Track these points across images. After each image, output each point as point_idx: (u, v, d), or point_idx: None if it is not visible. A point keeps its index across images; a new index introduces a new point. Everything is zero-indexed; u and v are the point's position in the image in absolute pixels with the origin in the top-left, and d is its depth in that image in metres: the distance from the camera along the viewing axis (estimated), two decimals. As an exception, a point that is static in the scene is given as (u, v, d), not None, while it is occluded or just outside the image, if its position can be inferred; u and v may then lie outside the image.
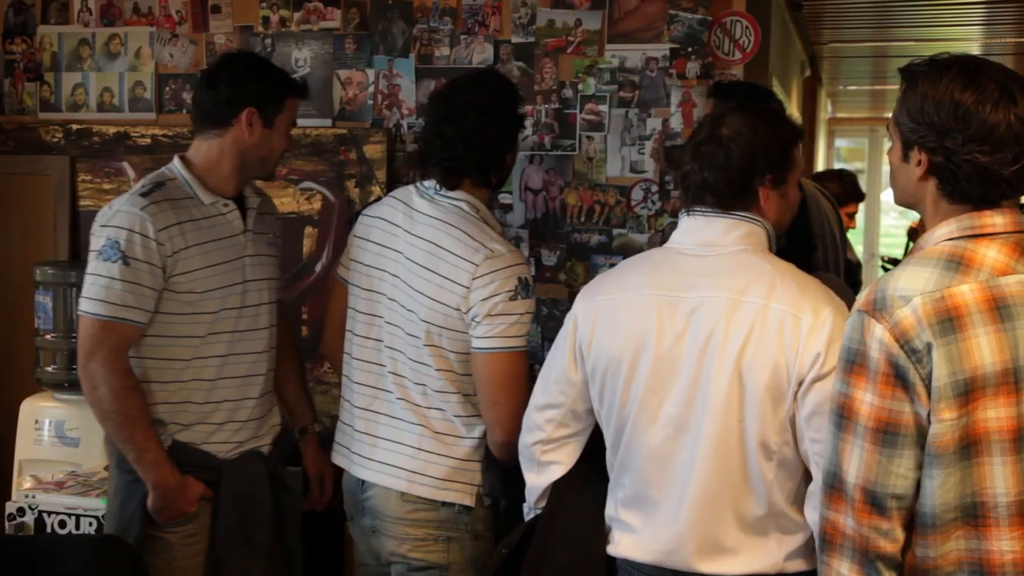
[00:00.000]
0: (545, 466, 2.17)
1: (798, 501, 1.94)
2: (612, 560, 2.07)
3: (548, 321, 3.34)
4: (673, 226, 3.20)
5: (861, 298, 1.72)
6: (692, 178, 2.02)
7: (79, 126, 3.69)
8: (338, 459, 2.55)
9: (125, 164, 3.66)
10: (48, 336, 3.45)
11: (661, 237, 3.26)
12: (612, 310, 2.03)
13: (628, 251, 3.29)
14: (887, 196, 10.17)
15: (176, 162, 2.51)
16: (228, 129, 2.47)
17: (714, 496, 1.93)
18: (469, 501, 2.38)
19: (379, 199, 2.66)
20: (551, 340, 3.29)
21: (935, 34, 6.84)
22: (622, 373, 1.99)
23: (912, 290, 1.66)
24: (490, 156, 2.39)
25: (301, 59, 3.48)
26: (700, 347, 1.91)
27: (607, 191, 3.31)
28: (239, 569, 2.52)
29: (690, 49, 3.23)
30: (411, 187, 2.48)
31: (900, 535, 1.68)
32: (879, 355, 1.65)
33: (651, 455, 1.97)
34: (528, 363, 2.37)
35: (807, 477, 1.94)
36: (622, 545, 2.03)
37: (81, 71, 3.70)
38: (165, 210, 2.40)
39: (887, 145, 1.83)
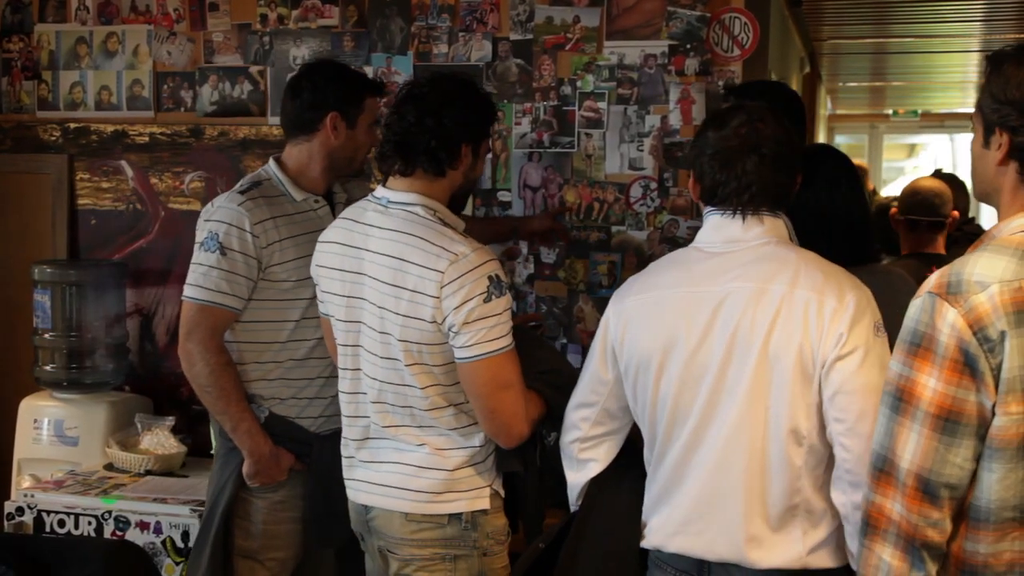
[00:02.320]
0: (583, 464, 2.19)
1: (824, 489, 1.95)
2: (645, 553, 2.10)
3: (547, 319, 3.34)
4: (674, 224, 3.24)
5: (931, 281, 1.68)
6: (730, 185, 2.01)
7: (77, 124, 3.69)
8: (348, 492, 2.49)
9: (123, 162, 3.66)
10: (47, 335, 3.46)
11: (660, 235, 3.26)
12: (641, 310, 2.06)
13: (627, 248, 3.29)
14: (889, 191, 10.17)
15: (271, 164, 2.71)
16: (315, 134, 2.65)
17: (738, 484, 1.94)
18: (483, 505, 2.32)
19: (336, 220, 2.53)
20: (550, 338, 3.33)
21: (935, 30, 6.84)
22: (652, 371, 2.02)
23: (990, 277, 1.62)
24: (442, 138, 2.27)
25: (299, 57, 3.47)
26: (728, 337, 1.94)
27: (606, 188, 3.30)
28: (329, 536, 2.66)
29: (689, 46, 3.22)
30: (362, 202, 2.40)
31: (948, 526, 1.65)
32: (949, 340, 1.61)
33: (682, 448, 2.00)
34: (517, 361, 2.28)
35: (830, 466, 1.94)
36: (653, 536, 2.06)
37: (79, 69, 3.70)
38: (260, 206, 2.60)
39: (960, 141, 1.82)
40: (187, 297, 2.61)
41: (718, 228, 2.05)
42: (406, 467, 2.32)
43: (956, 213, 3.59)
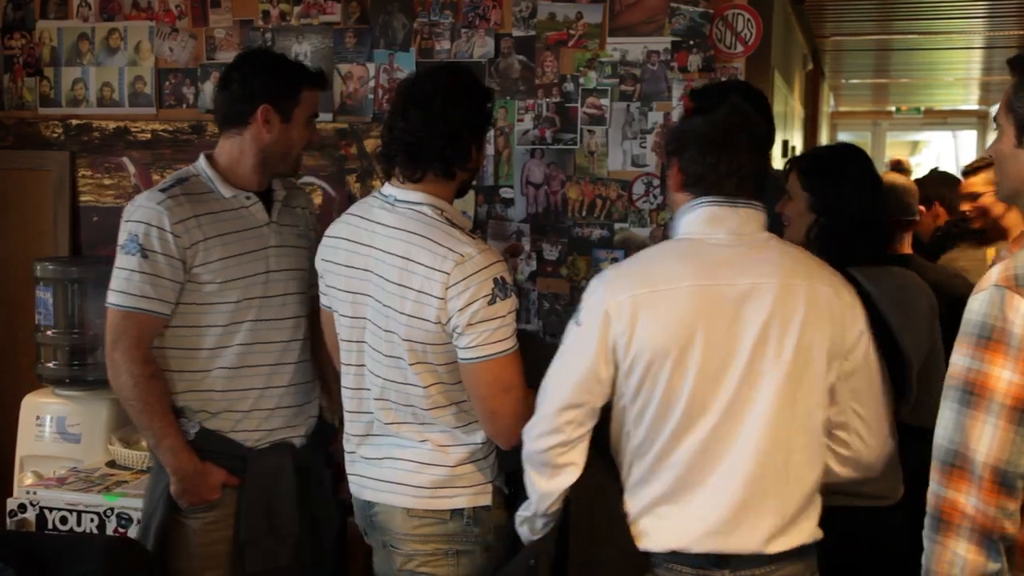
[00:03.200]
0: (561, 469, 2.10)
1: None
2: (645, 555, 2.04)
3: (549, 316, 3.34)
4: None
5: (994, 275, 1.68)
6: (721, 167, 2.03)
7: (79, 121, 3.69)
8: (351, 487, 2.47)
9: (125, 159, 3.65)
10: (49, 332, 3.45)
11: (663, 232, 3.25)
12: (652, 303, 1.99)
13: (630, 245, 3.28)
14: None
15: (201, 160, 2.58)
16: (246, 128, 2.52)
17: (773, 475, 1.99)
18: (486, 501, 2.32)
19: (341, 216, 2.51)
20: (554, 335, 3.32)
21: (938, 27, 6.85)
22: (667, 366, 1.97)
23: None
24: (452, 142, 2.26)
25: (301, 53, 3.47)
26: (758, 332, 1.96)
27: (609, 185, 3.30)
28: (264, 559, 2.56)
29: (692, 42, 3.21)
30: (369, 199, 2.38)
31: (1019, 517, 1.66)
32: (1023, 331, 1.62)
33: (703, 443, 1.98)
34: (520, 364, 2.25)
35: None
36: (665, 537, 2.02)
37: (81, 66, 3.70)
38: (182, 203, 2.46)
39: (988, 139, 1.85)
40: (110, 304, 2.47)
41: (716, 220, 2.04)
42: (408, 463, 2.32)
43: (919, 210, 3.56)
